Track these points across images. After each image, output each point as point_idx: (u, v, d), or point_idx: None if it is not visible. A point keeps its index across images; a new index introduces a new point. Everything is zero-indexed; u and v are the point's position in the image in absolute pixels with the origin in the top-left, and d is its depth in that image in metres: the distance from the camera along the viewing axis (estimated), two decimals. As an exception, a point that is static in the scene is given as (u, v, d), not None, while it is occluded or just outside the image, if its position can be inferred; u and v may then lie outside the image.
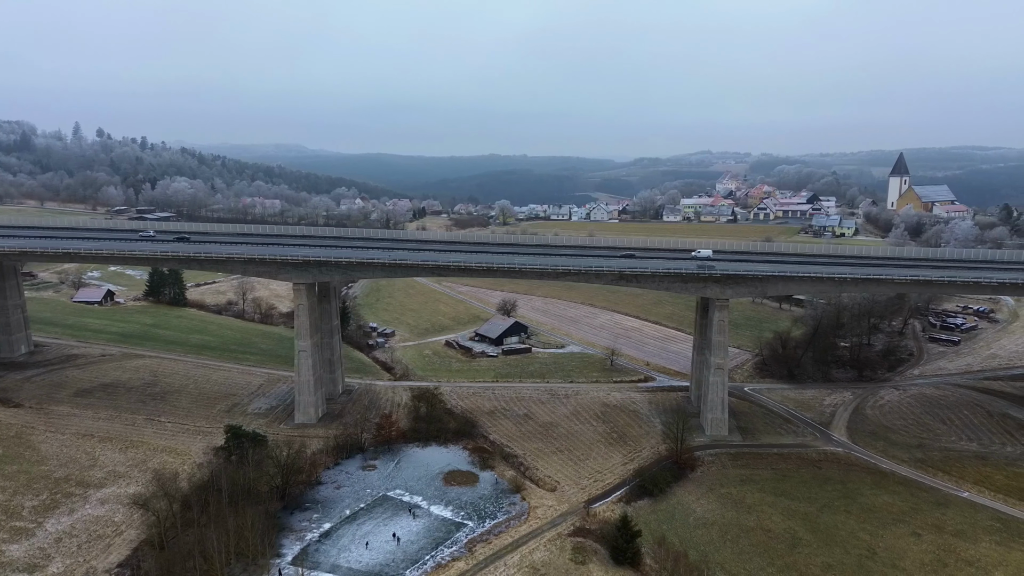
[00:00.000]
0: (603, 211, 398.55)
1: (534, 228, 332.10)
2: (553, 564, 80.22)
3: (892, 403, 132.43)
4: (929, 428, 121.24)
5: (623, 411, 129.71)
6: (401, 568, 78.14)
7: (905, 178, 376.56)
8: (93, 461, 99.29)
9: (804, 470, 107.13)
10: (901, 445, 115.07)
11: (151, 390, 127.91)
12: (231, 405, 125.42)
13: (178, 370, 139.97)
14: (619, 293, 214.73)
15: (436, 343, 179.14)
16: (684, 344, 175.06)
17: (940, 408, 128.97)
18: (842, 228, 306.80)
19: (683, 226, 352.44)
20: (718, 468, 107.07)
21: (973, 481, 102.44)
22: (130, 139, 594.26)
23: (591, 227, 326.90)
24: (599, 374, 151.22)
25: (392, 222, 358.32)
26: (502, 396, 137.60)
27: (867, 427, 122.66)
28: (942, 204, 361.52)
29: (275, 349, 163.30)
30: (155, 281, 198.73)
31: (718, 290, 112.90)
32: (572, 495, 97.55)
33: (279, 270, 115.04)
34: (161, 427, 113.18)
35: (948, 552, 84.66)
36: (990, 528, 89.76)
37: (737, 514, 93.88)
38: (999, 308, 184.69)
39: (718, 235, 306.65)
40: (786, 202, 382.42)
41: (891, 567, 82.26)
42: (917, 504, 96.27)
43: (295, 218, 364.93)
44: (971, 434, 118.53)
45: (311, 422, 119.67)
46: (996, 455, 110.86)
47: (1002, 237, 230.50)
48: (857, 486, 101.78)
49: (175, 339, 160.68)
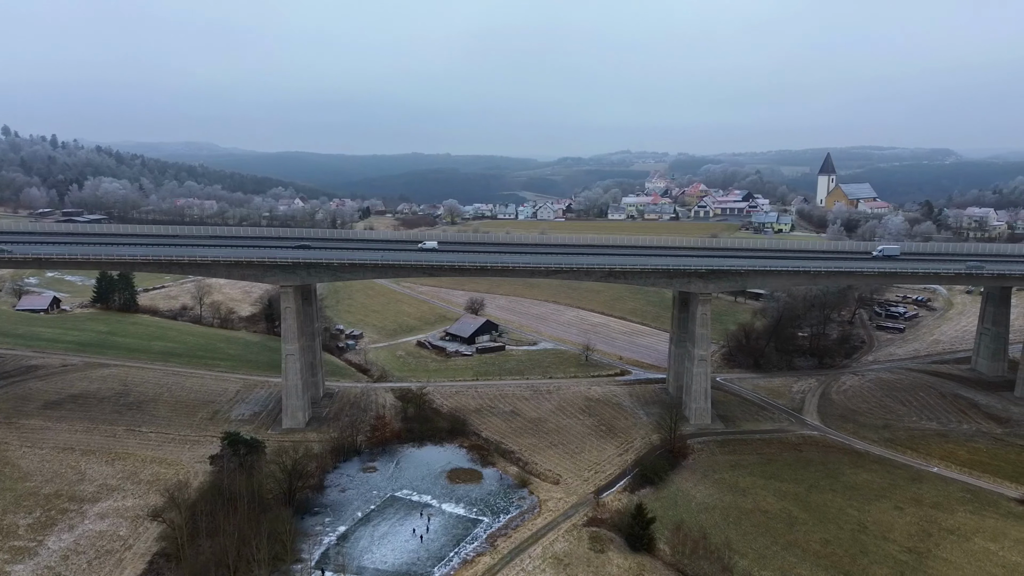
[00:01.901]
0: (549, 210, 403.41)
1: (486, 227, 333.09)
2: (574, 554, 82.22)
3: (854, 388, 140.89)
4: (891, 410, 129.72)
5: (606, 404, 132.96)
6: (428, 566, 78.49)
7: (832, 176, 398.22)
8: (81, 475, 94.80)
9: (787, 453, 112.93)
10: (869, 426, 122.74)
11: (125, 400, 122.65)
12: (212, 412, 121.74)
13: (148, 378, 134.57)
14: (581, 290, 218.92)
15: (407, 343, 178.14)
16: (652, 338, 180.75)
17: (898, 391, 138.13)
18: (779, 224, 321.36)
19: (629, 224, 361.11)
20: (708, 455, 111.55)
21: (939, 457, 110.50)
22: (39, 137, 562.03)
23: (542, 226, 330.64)
24: (576, 369, 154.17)
25: (339, 222, 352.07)
26: (485, 394, 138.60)
27: (836, 411, 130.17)
28: (866, 201, 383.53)
29: (243, 354, 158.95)
30: (103, 287, 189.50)
31: (701, 284, 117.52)
32: (576, 487, 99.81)
33: (266, 273, 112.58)
34: (144, 438, 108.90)
35: (930, 523, 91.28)
36: (962, 499, 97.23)
37: (734, 497, 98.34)
38: (935, 297, 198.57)
39: (666, 232, 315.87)
40: (723, 200, 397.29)
41: (882, 539, 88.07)
42: (894, 480, 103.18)
43: (236, 219, 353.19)
44: (930, 414, 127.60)
45: (299, 427, 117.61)
46: (955, 432, 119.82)
47: (929, 231, 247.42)
48: (837, 466, 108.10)
49: (137, 347, 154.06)
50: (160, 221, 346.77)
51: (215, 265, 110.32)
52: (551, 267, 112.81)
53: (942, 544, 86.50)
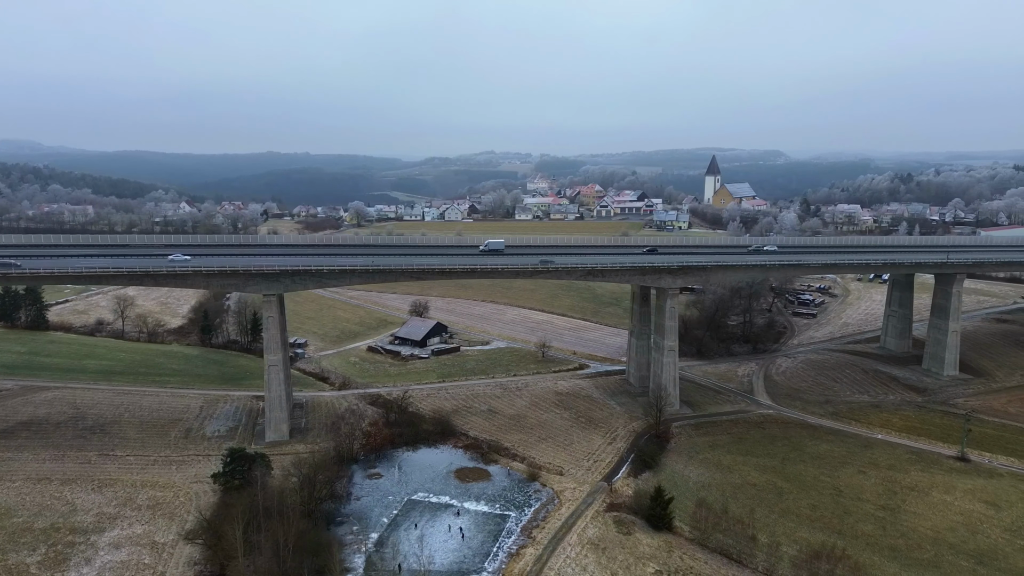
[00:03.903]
0: (457, 211, 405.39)
1: (400, 229, 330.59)
2: (606, 538, 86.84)
3: (790, 369, 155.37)
4: (827, 387, 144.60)
5: (577, 397, 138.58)
6: (477, 562, 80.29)
7: (717, 177, 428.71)
8: (71, 506, 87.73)
9: (753, 431, 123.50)
10: (813, 402, 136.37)
11: (84, 424, 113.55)
12: (184, 431, 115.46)
13: (99, 399, 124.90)
14: (515, 289, 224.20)
15: (357, 349, 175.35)
16: (597, 332, 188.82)
17: (827, 369, 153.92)
18: (679, 222, 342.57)
19: (539, 224, 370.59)
20: (686, 438, 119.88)
21: (879, 425, 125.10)
22: None
23: (457, 227, 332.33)
24: (536, 366, 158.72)
25: (240, 226, 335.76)
26: (458, 395, 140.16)
27: (781, 390, 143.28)
28: (747, 199, 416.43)
29: (189, 369, 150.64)
30: (6, 303, 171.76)
31: (671, 280, 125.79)
32: (583, 477, 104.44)
33: (247, 282, 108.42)
34: (123, 462, 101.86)
35: (892, 483, 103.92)
36: (910, 460, 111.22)
37: (723, 475, 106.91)
38: (834, 285, 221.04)
39: (577, 231, 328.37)
40: (621, 200, 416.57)
41: (858, 500, 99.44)
42: (850, 449, 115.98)
43: (124, 225, 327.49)
44: (859, 388, 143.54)
45: (284, 439, 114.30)
46: (885, 403, 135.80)
47: (816, 227, 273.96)
48: (799, 440, 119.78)
49: (69, 367, 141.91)
50: (34, 229, 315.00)
51: (195, 275, 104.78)
52: (538, 268, 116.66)
53: (907, 500, 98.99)
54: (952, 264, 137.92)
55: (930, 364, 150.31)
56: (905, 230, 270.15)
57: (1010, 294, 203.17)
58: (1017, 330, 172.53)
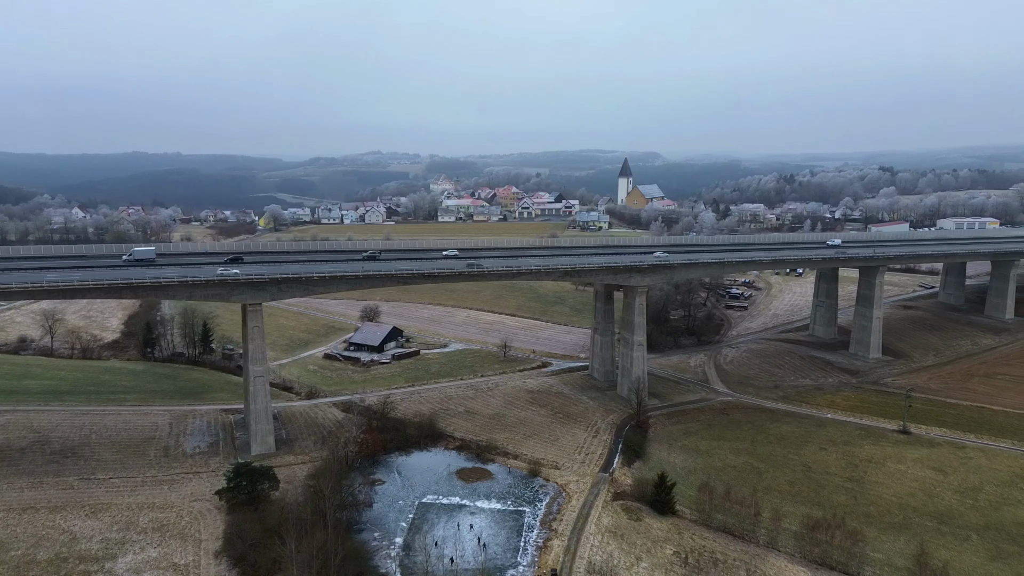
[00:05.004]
0: (377, 213, 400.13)
1: (324, 234, 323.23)
2: (621, 525, 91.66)
3: (736, 358, 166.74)
4: (772, 373, 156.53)
5: (549, 394, 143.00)
6: (509, 557, 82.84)
7: (630, 179, 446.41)
8: (70, 535, 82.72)
9: (720, 417, 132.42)
10: (764, 388, 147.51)
11: (51, 448, 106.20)
12: (162, 449, 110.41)
13: (57, 421, 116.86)
14: (460, 291, 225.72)
15: (312, 357, 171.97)
16: (550, 331, 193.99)
17: (769, 357, 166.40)
18: (600, 223, 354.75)
19: (465, 226, 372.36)
20: (662, 427, 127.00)
21: (826, 406, 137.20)
22: None
23: (386, 230, 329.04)
24: (500, 366, 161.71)
25: (150, 232, 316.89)
26: (431, 398, 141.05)
27: (733, 378, 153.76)
28: (658, 199, 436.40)
29: (143, 385, 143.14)
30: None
31: (639, 278, 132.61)
32: (580, 470, 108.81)
33: (233, 291, 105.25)
34: (108, 485, 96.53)
35: (850, 457, 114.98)
36: (860, 435, 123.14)
37: (704, 459, 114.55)
38: (757, 280, 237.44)
39: (505, 233, 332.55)
40: (540, 202, 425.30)
41: (826, 474, 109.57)
42: (807, 429, 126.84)
43: (17, 234, 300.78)
44: (801, 373, 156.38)
45: (270, 451, 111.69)
46: (826, 386, 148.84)
47: (733, 225, 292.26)
48: (761, 423, 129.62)
49: (9, 388, 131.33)
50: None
51: (180, 286, 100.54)
52: (522, 269, 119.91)
53: (868, 471, 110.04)
54: (878, 258, 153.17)
55: (857, 348, 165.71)
56: (809, 227, 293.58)
57: (909, 283, 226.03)
58: (922, 315, 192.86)
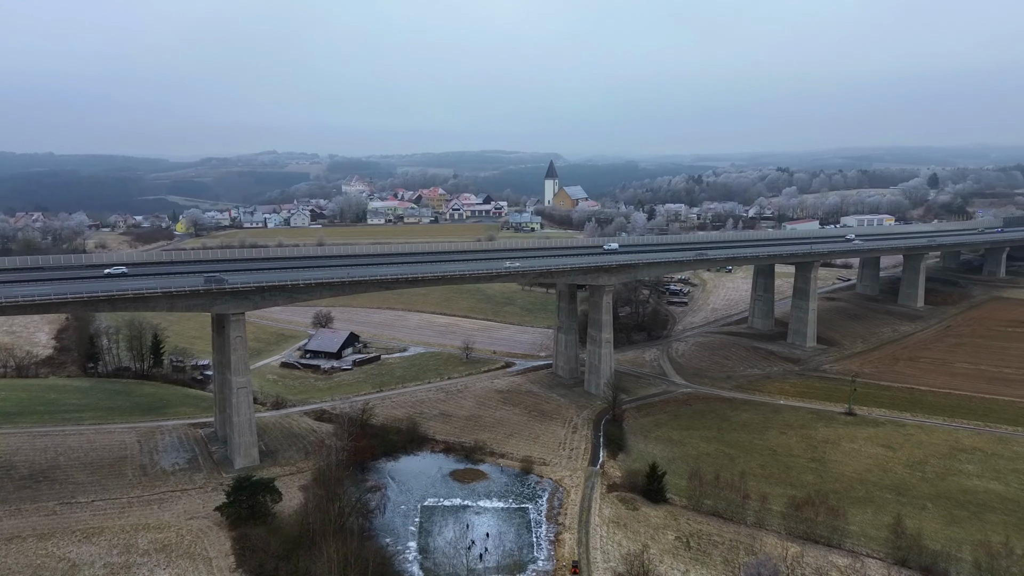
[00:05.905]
0: (303, 216, 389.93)
1: (251, 238, 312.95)
2: (621, 515, 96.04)
3: (687, 351, 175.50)
4: (722, 364, 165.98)
5: (519, 393, 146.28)
6: (525, 553, 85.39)
7: (556, 180, 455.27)
8: (69, 562, 78.65)
9: (684, 408, 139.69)
10: (718, 378, 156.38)
11: (18, 473, 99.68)
12: (138, 468, 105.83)
13: (16, 444, 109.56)
14: (409, 294, 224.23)
15: (268, 367, 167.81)
16: (506, 331, 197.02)
17: (717, 349, 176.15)
18: (532, 224, 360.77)
19: (397, 228, 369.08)
20: (633, 420, 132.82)
21: (777, 393, 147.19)
22: None
23: (319, 233, 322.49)
24: (464, 367, 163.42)
25: (61, 240, 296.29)
26: (403, 402, 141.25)
27: (688, 371, 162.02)
28: (583, 200, 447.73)
29: (95, 403, 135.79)
30: None
31: (607, 277, 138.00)
32: (569, 465, 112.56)
33: (214, 301, 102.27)
34: (94, 508, 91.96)
35: (808, 439, 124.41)
36: (814, 418, 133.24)
37: (679, 448, 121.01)
38: (692, 276, 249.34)
39: (440, 235, 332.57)
40: (470, 203, 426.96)
41: (790, 456, 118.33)
42: (765, 415, 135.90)
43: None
44: (748, 363, 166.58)
45: (255, 463, 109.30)
46: (773, 374, 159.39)
47: (661, 224, 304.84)
48: (723, 411, 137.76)
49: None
50: None
51: (162, 298, 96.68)
52: (501, 272, 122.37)
53: (827, 451, 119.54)
54: (814, 254, 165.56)
55: (794, 338, 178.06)
56: (731, 225, 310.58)
57: (828, 276, 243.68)
58: (845, 306, 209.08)
